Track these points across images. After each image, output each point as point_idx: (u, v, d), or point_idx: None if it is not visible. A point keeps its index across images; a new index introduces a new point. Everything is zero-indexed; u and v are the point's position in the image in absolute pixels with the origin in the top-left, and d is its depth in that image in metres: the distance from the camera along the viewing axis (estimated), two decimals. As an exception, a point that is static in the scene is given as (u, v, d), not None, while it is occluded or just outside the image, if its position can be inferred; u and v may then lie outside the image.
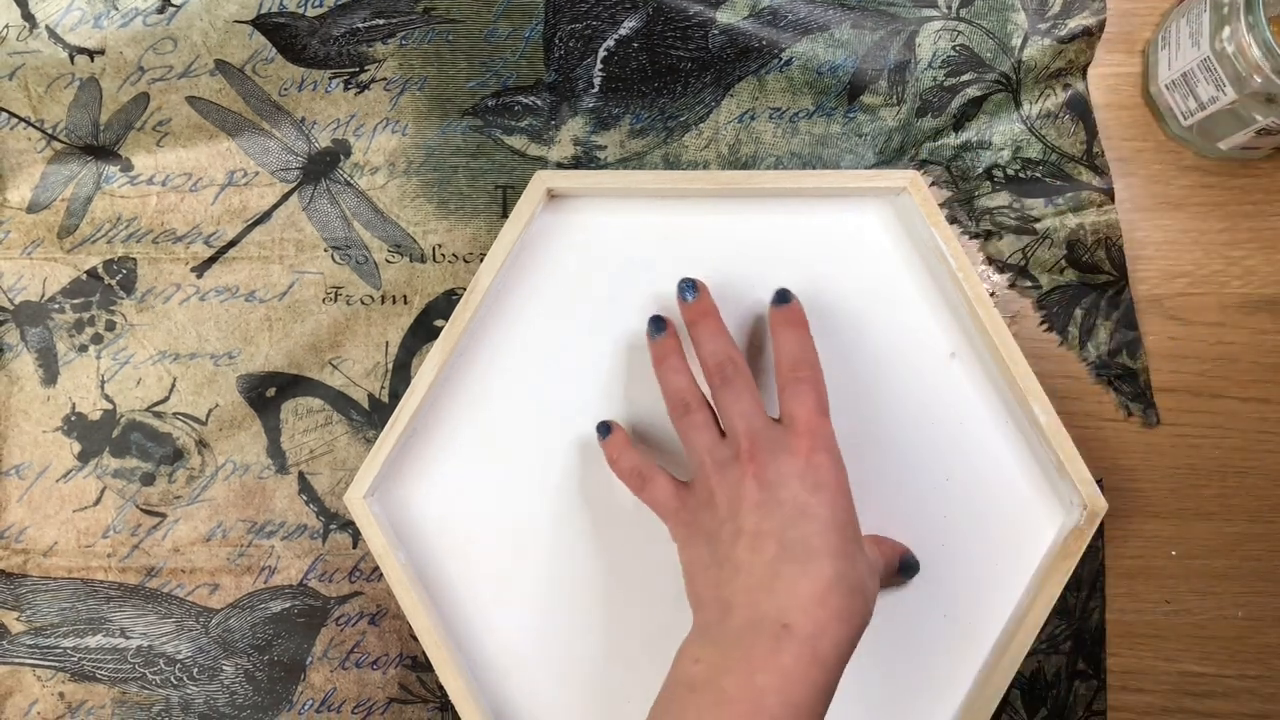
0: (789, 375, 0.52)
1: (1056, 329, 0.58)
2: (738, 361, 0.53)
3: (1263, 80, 0.51)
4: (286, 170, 0.59)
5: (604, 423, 0.56)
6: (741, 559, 0.48)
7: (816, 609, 0.45)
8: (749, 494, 0.49)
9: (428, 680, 0.58)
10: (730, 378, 0.52)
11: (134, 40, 0.59)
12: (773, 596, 0.46)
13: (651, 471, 0.54)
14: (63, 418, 0.59)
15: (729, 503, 0.49)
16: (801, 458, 0.49)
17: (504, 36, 0.59)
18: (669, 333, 0.56)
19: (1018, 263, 0.58)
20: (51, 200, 0.59)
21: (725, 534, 0.49)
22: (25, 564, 0.59)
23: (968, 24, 0.59)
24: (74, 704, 0.58)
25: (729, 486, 0.50)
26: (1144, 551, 0.58)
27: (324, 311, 0.59)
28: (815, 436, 0.50)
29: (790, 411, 0.51)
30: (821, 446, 0.50)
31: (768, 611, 0.46)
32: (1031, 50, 0.58)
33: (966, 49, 0.58)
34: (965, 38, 0.58)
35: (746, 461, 0.49)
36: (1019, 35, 0.58)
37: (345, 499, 0.55)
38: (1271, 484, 0.58)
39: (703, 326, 0.54)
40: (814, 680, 0.45)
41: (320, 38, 0.59)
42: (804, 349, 0.53)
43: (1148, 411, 0.58)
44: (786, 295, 0.55)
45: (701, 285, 0.55)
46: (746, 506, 0.49)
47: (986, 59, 0.58)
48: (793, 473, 0.49)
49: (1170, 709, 0.57)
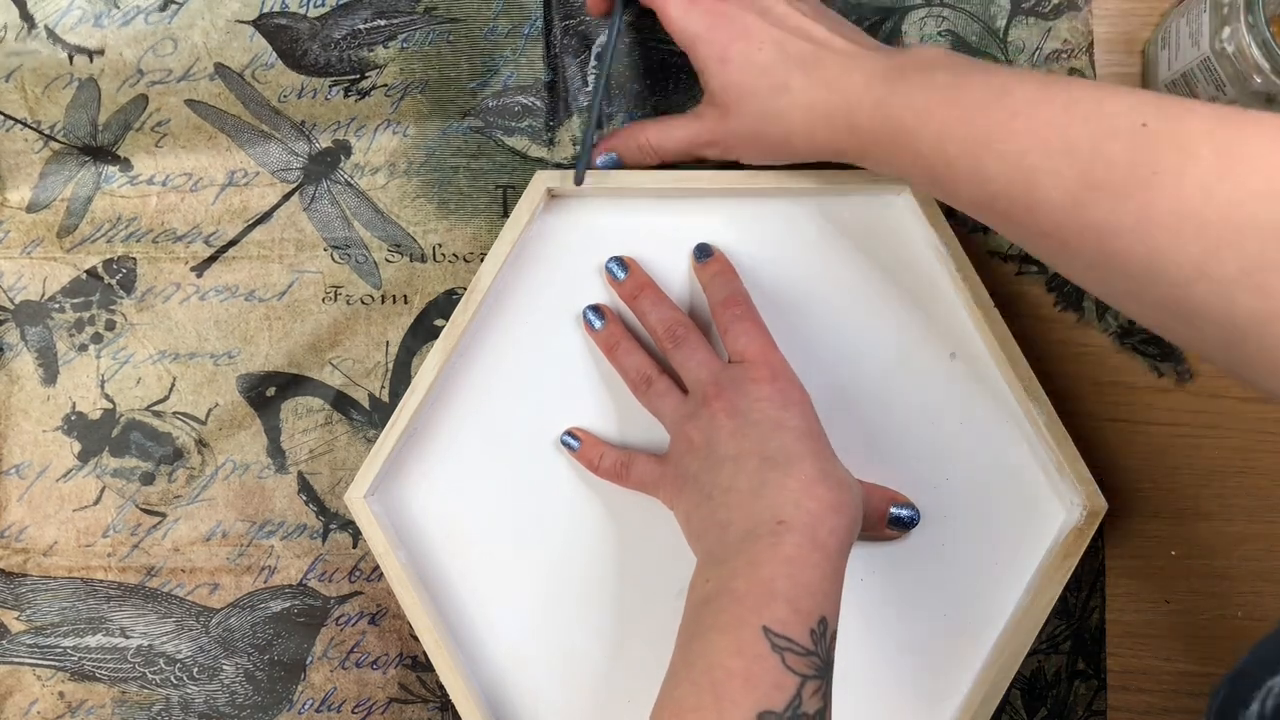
0: (727, 315, 0.54)
1: (1071, 306, 0.58)
2: (685, 321, 0.55)
3: (1263, 80, 0.51)
4: (287, 170, 0.59)
5: (567, 433, 0.57)
6: (728, 482, 0.49)
7: (808, 501, 0.47)
8: (723, 425, 0.50)
9: (428, 680, 0.58)
10: (682, 337, 0.54)
11: (134, 40, 0.59)
12: (763, 501, 0.47)
13: (629, 457, 0.55)
14: (63, 417, 0.59)
15: (706, 442, 0.51)
16: (766, 384, 0.51)
17: (503, 34, 0.59)
18: (610, 319, 0.57)
19: (1019, 252, 0.58)
20: (51, 200, 0.59)
21: (709, 468, 0.50)
22: (25, 563, 0.59)
23: (951, 9, 0.59)
24: (74, 703, 0.58)
25: (703, 428, 0.51)
26: (1144, 551, 0.58)
27: (324, 311, 0.59)
28: (772, 365, 0.52)
29: (739, 349, 0.53)
30: (781, 374, 0.52)
31: (761, 515, 0.47)
32: (1018, 30, 0.58)
33: (953, 34, 0.59)
34: (950, 23, 0.59)
35: (714, 400, 0.51)
36: (1003, 16, 0.59)
37: (345, 499, 0.55)
38: (1271, 484, 0.58)
39: (643, 298, 0.56)
40: (817, 564, 0.45)
41: (321, 41, 0.59)
42: (733, 288, 0.55)
43: (1179, 369, 0.58)
44: (708, 249, 0.57)
45: (630, 260, 0.57)
46: (723, 436, 0.50)
47: (973, 43, 0.59)
48: (761, 395, 0.51)
49: (1170, 709, 0.57)
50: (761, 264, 0.57)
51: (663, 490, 0.54)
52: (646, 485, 0.55)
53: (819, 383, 0.54)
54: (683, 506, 0.52)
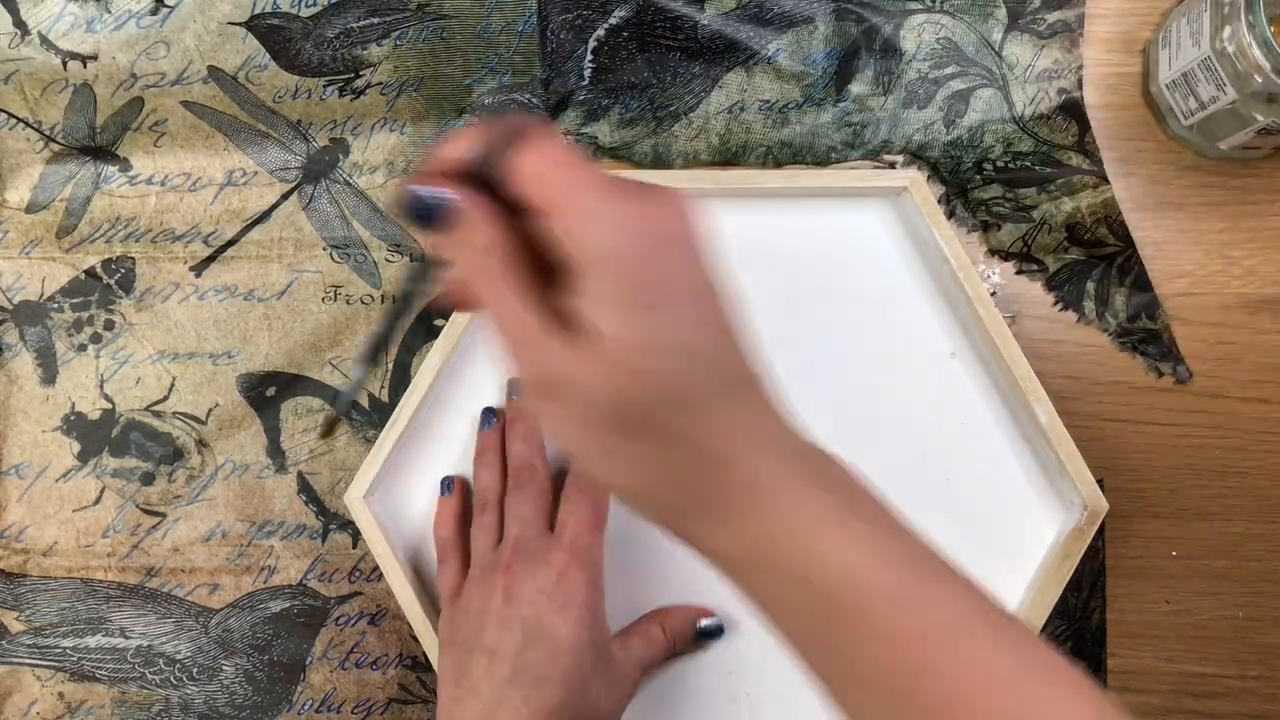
0: (574, 484, 0.53)
1: (1071, 306, 0.58)
2: (535, 467, 0.54)
3: (1263, 80, 0.50)
4: (286, 170, 0.59)
5: (447, 478, 0.57)
6: (475, 681, 0.49)
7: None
8: (495, 607, 0.50)
9: (428, 680, 0.58)
10: (523, 484, 0.53)
11: (127, 44, 0.59)
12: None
13: (449, 554, 0.55)
14: (62, 417, 0.59)
15: (479, 614, 0.50)
16: (555, 572, 0.50)
17: (498, 31, 0.59)
18: (495, 427, 0.56)
19: (1020, 250, 0.58)
20: (50, 200, 0.59)
21: (468, 651, 0.50)
22: (25, 564, 0.59)
23: (950, 17, 0.59)
24: (73, 704, 0.58)
25: (482, 596, 0.51)
26: (1144, 551, 0.58)
27: (323, 311, 0.59)
28: (576, 552, 0.51)
29: (562, 521, 0.52)
30: (579, 563, 0.51)
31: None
32: (1012, 46, 0.58)
33: (950, 41, 0.59)
34: (948, 31, 0.59)
35: (502, 572, 0.50)
36: (999, 30, 0.58)
37: (345, 499, 0.55)
38: (1271, 484, 0.58)
39: (517, 427, 0.55)
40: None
41: (314, 41, 0.59)
42: None
43: (1178, 368, 0.58)
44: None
45: None
46: (491, 621, 0.50)
47: (969, 53, 0.58)
48: (542, 588, 0.50)
49: (1170, 709, 0.57)
50: (761, 264, 0.57)
51: (442, 616, 0.53)
52: (440, 589, 0.54)
53: (818, 383, 0.53)
54: (441, 662, 0.52)
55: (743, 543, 0.34)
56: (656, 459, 0.34)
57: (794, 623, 0.35)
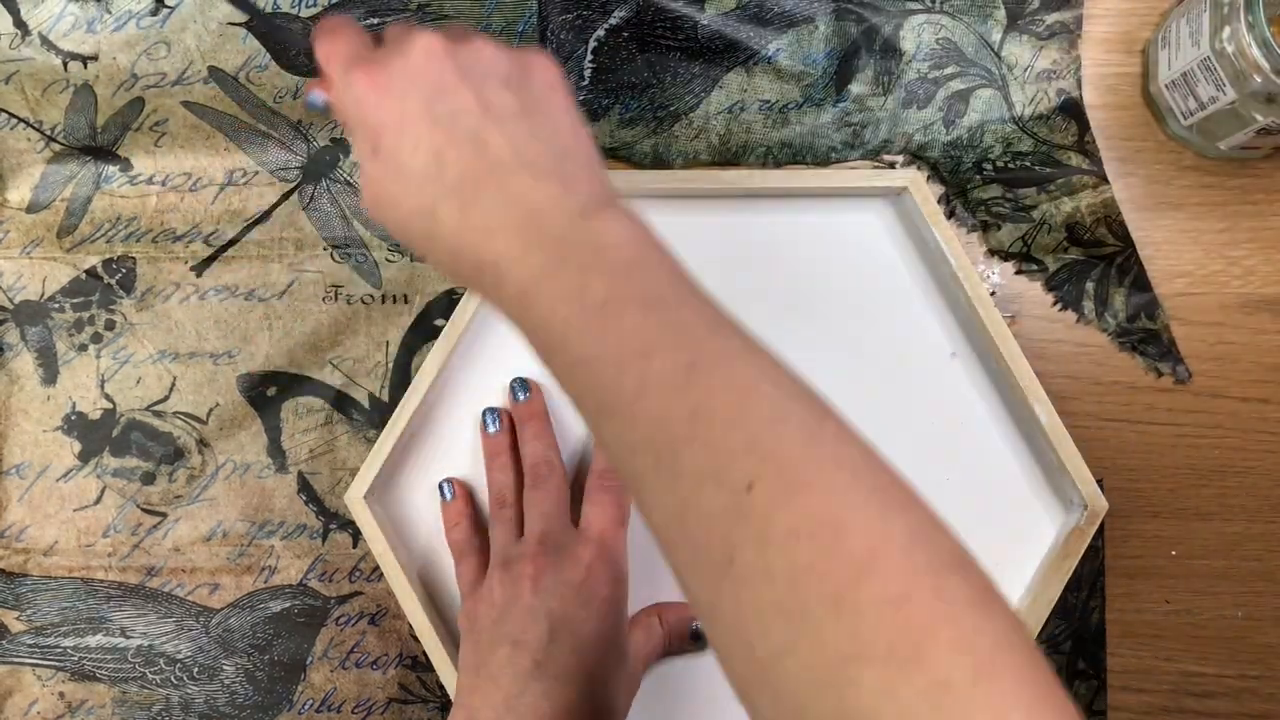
0: (597, 482, 0.54)
1: (1071, 306, 0.58)
2: (554, 463, 0.54)
3: (1263, 80, 0.50)
4: (286, 169, 0.59)
5: (444, 483, 0.57)
6: (496, 670, 0.49)
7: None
8: (522, 596, 0.50)
9: (428, 680, 0.58)
10: (543, 479, 0.54)
11: (127, 45, 0.59)
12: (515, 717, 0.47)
13: (466, 552, 0.55)
14: (63, 417, 0.59)
15: (503, 603, 0.50)
16: (582, 567, 0.51)
17: (498, 31, 0.59)
18: (503, 428, 0.56)
19: (1020, 250, 0.58)
20: (51, 200, 0.59)
21: (490, 642, 0.50)
22: (25, 563, 0.59)
23: (949, 17, 0.59)
24: (74, 704, 0.58)
25: (508, 585, 0.51)
26: (1144, 551, 0.58)
27: (324, 310, 0.59)
28: (602, 546, 0.51)
29: (588, 517, 0.53)
30: (605, 558, 0.51)
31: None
32: (1011, 46, 0.58)
33: (949, 42, 0.59)
34: (948, 31, 0.59)
35: (530, 562, 0.51)
36: (998, 30, 0.59)
37: (345, 499, 0.56)
38: (1271, 484, 0.58)
39: (529, 427, 0.56)
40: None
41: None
42: None
43: (1177, 368, 0.58)
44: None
45: (534, 385, 0.57)
46: (517, 610, 0.50)
47: (969, 53, 0.59)
48: (569, 582, 0.50)
49: (1170, 709, 0.57)
50: (761, 264, 0.57)
51: (463, 607, 0.53)
52: (460, 585, 0.55)
53: (818, 383, 0.53)
54: (462, 649, 0.52)
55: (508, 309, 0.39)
56: (432, 253, 0.40)
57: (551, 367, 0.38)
